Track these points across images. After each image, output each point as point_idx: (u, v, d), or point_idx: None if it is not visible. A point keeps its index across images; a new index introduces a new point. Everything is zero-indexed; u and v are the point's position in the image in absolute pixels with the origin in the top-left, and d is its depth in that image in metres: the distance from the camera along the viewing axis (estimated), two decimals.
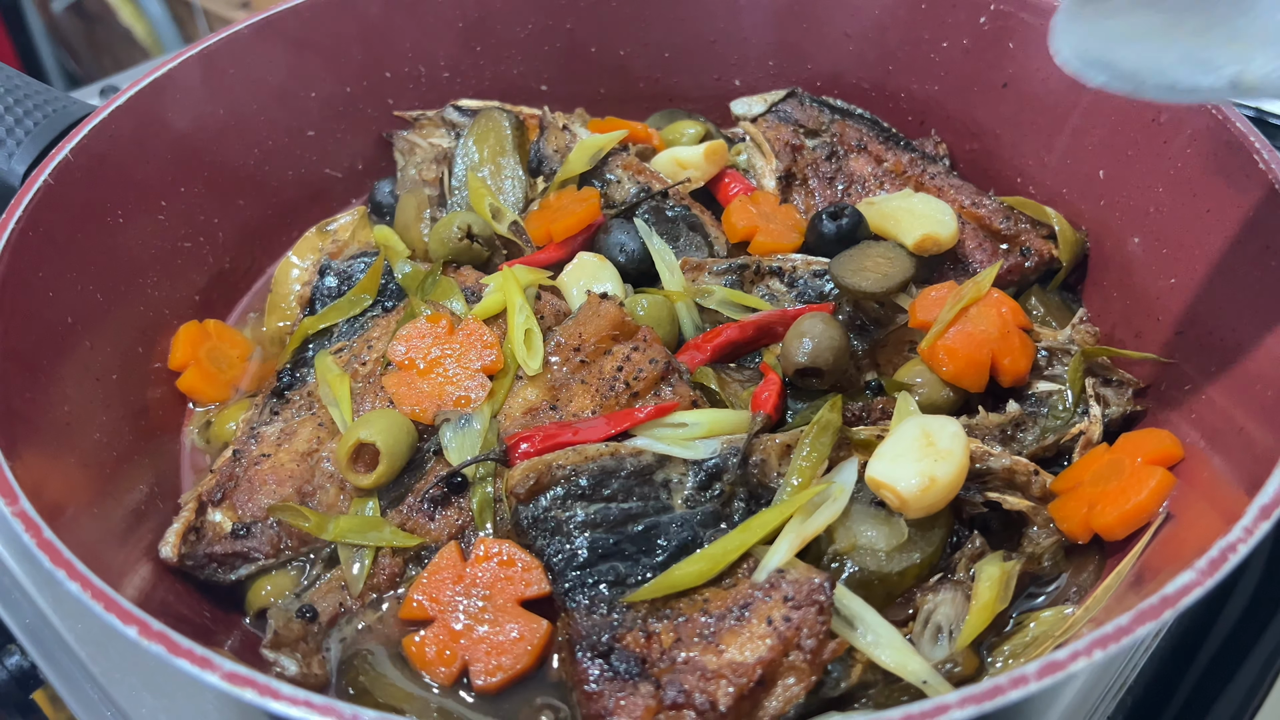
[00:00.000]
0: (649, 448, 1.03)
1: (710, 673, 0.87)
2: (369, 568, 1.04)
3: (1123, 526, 1.01)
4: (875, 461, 0.99)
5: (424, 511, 1.06)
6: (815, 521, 0.96)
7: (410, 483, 1.09)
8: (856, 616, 0.93)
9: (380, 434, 1.05)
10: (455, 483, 1.06)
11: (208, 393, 1.31)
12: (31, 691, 1.15)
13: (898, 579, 0.98)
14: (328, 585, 1.05)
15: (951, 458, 0.97)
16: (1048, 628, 0.99)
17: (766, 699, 0.87)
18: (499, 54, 1.62)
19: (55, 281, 1.15)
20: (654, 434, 1.04)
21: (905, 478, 0.96)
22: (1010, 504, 1.05)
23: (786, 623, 0.89)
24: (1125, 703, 1.08)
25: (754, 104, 1.53)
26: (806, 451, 1.03)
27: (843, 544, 0.99)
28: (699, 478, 1.01)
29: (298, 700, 0.71)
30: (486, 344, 1.14)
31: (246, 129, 1.45)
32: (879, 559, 0.98)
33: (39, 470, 0.98)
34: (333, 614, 1.03)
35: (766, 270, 1.28)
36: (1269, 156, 1.06)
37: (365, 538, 1.04)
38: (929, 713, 0.69)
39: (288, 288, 1.44)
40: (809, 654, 0.87)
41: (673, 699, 0.85)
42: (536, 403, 1.11)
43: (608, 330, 1.13)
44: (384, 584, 1.04)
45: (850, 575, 0.97)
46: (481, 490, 1.05)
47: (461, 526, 1.05)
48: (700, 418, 1.06)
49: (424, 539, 1.04)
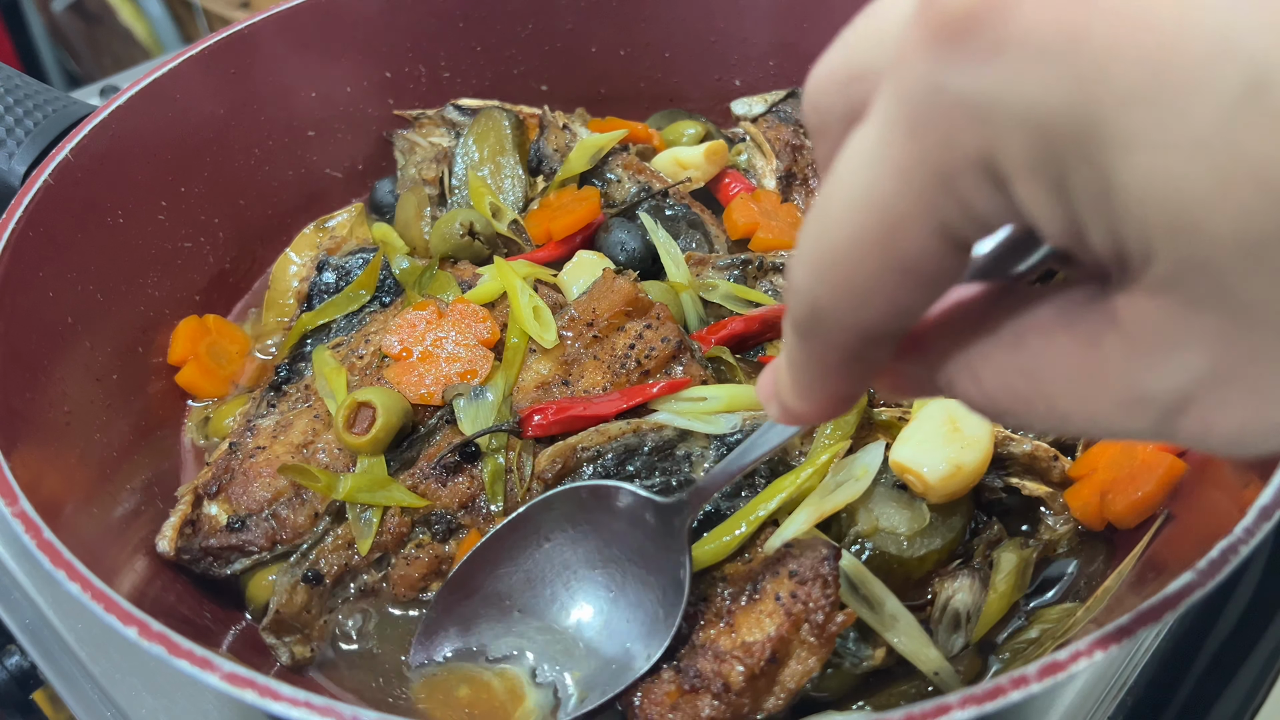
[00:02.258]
0: (670, 422, 1.04)
1: (724, 654, 0.87)
2: (377, 526, 1.05)
3: (1134, 514, 1.01)
4: (900, 445, 0.99)
5: (436, 477, 1.07)
6: (835, 498, 0.96)
7: (422, 449, 1.10)
8: (875, 600, 0.93)
9: (377, 395, 1.07)
10: (468, 452, 1.07)
11: (207, 388, 1.31)
12: (31, 691, 1.15)
13: (917, 564, 0.98)
14: (333, 545, 1.06)
15: (977, 444, 0.98)
16: (1050, 626, 0.99)
17: (780, 675, 0.88)
18: (499, 54, 1.62)
19: (55, 281, 1.15)
20: (674, 408, 1.05)
21: (932, 463, 0.96)
22: (1029, 489, 1.05)
23: (793, 598, 0.89)
24: (1125, 703, 1.08)
25: (754, 104, 1.52)
26: (830, 429, 1.03)
27: (864, 526, 0.99)
28: (720, 452, 1.02)
29: (298, 701, 0.71)
30: (479, 318, 1.15)
31: (246, 129, 1.45)
32: (899, 543, 0.98)
33: (39, 470, 0.97)
34: (337, 575, 1.04)
35: (770, 266, 1.28)
36: None
37: (375, 496, 1.05)
38: (930, 713, 0.69)
39: (286, 284, 1.44)
40: (818, 628, 0.88)
41: (690, 683, 0.86)
42: (549, 377, 1.12)
43: (621, 305, 1.14)
44: (391, 543, 1.05)
45: (870, 558, 0.97)
46: (493, 461, 1.06)
47: (472, 495, 1.06)
48: (719, 392, 1.06)
49: (433, 502, 1.05)
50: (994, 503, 1.07)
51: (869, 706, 0.93)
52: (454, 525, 1.05)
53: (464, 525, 1.05)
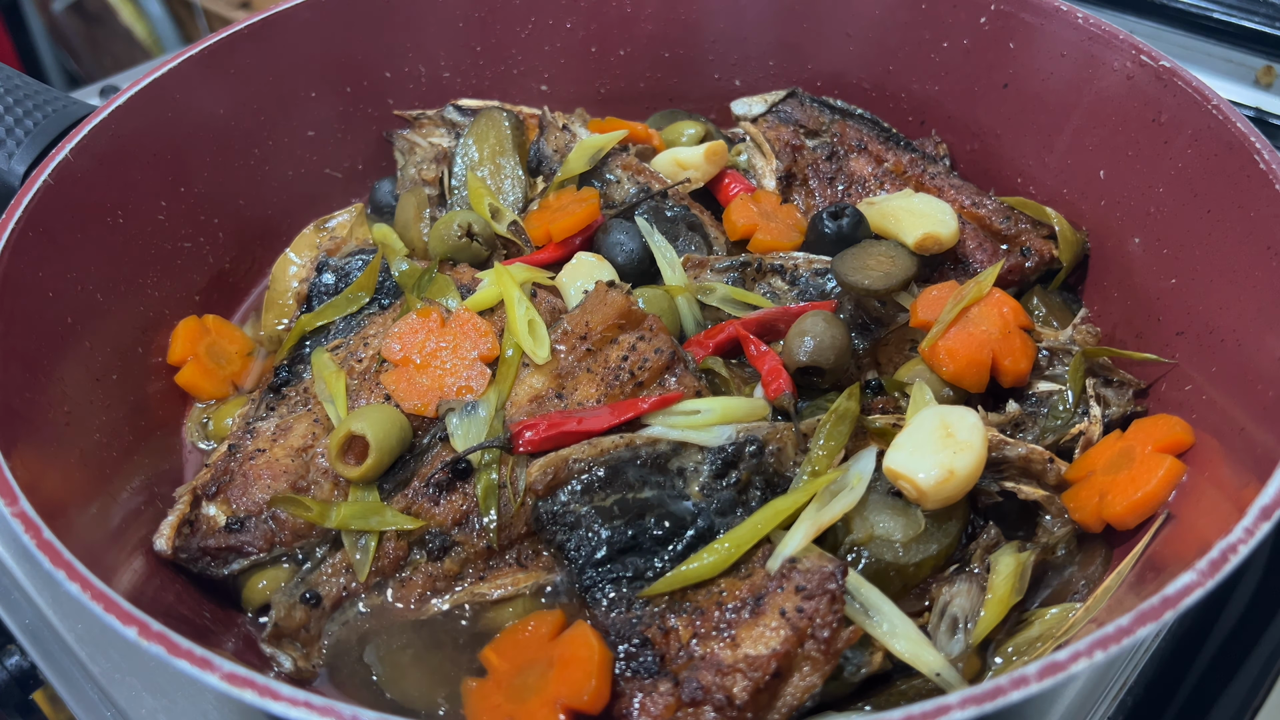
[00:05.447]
0: (663, 435, 1.03)
1: (726, 667, 0.87)
2: (374, 551, 1.04)
3: (1133, 516, 1.01)
4: (894, 452, 0.99)
5: (429, 496, 1.06)
6: (832, 509, 0.96)
7: (415, 468, 1.09)
8: (873, 606, 0.92)
9: (372, 426, 1.06)
10: (460, 469, 1.07)
11: (206, 388, 1.31)
12: (31, 691, 1.15)
13: (914, 570, 0.98)
14: (332, 569, 1.05)
15: (971, 449, 0.97)
16: (1050, 626, 0.99)
17: (784, 690, 0.88)
18: (499, 54, 1.62)
19: (55, 281, 1.15)
20: (667, 421, 1.05)
21: (924, 469, 0.96)
22: (1026, 493, 1.05)
23: (799, 613, 0.88)
24: (1126, 703, 1.08)
25: (754, 104, 1.52)
26: (824, 440, 1.03)
27: (859, 534, 0.99)
28: (714, 465, 1.02)
29: (297, 701, 0.71)
30: (481, 332, 1.15)
31: (246, 129, 1.45)
32: (895, 550, 0.98)
33: (39, 470, 0.98)
34: (336, 598, 1.04)
35: (768, 268, 1.28)
36: (1269, 156, 1.06)
37: (368, 523, 1.05)
38: (930, 713, 0.69)
39: (285, 284, 1.44)
40: (823, 644, 0.87)
41: (691, 695, 0.86)
42: (542, 391, 1.12)
43: (614, 318, 1.14)
44: (389, 567, 1.05)
45: (866, 566, 0.97)
46: (486, 476, 1.06)
47: (466, 512, 1.06)
48: (712, 404, 1.06)
49: (427, 522, 1.05)
50: (991, 507, 1.06)
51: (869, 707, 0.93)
52: (448, 544, 1.04)
53: (458, 543, 1.04)
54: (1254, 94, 1.77)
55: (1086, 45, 1.30)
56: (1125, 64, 1.26)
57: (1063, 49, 1.33)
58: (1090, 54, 1.30)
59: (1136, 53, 1.24)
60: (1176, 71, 1.20)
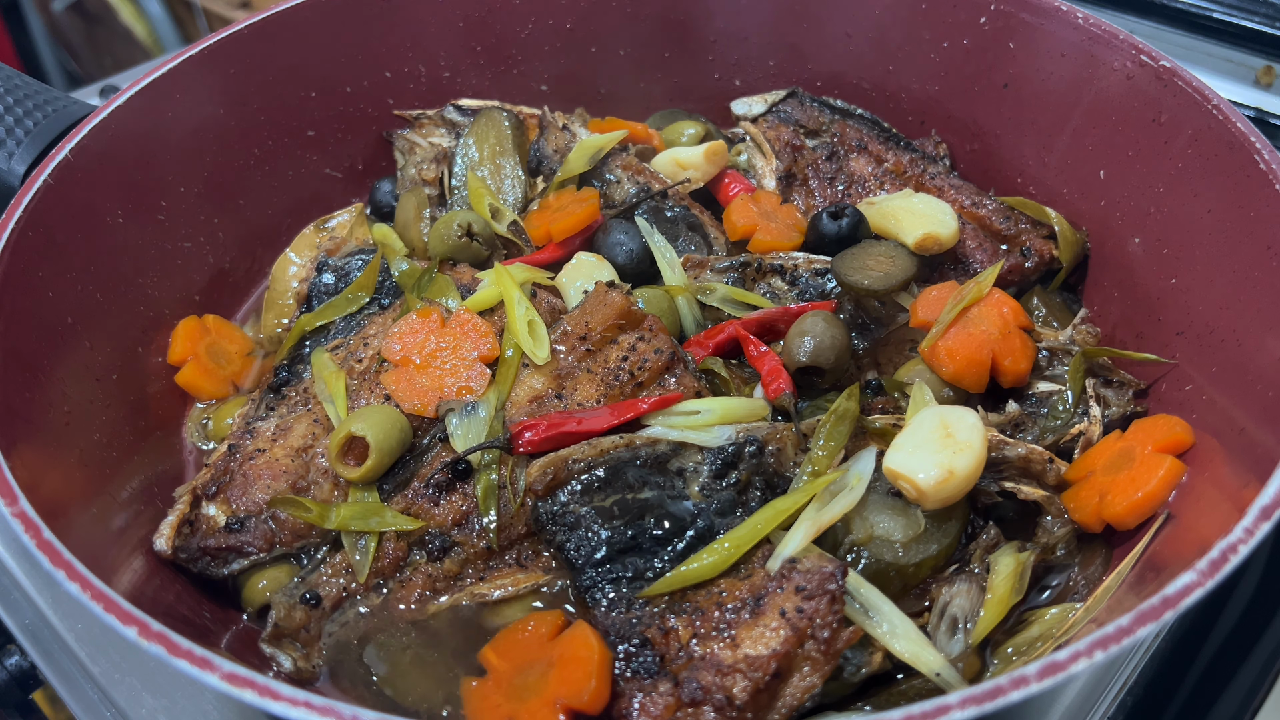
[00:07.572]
0: (663, 436, 1.03)
1: (726, 667, 0.87)
2: (374, 552, 1.04)
3: (1133, 516, 1.01)
4: (893, 452, 0.99)
5: (428, 496, 1.06)
6: (831, 510, 0.96)
7: (415, 469, 1.09)
8: (872, 606, 0.92)
9: (372, 428, 1.06)
10: (460, 469, 1.07)
11: (206, 388, 1.31)
12: (31, 691, 1.15)
13: (914, 571, 0.98)
14: (332, 569, 1.05)
15: (970, 449, 0.97)
16: (1050, 626, 0.99)
17: (784, 690, 0.88)
18: (499, 54, 1.62)
19: (55, 281, 1.15)
20: (667, 422, 1.05)
21: (924, 469, 0.96)
22: (1025, 494, 1.05)
23: (799, 614, 0.88)
24: (1126, 703, 1.08)
25: (754, 104, 1.52)
26: (824, 440, 1.03)
27: (859, 534, 0.99)
28: (714, 466, 1.02)
29: (297, 701, 0.71)
30: (481, 333, 1.15)
31: (246, 129, 1.45)
32: (895, 551, 0.98)
33: (39, 470, 0.98)
34: (336, 599, 1.04)
35: (768, 268, 1.28)
36: (1269, 156, 1.06)
37: (368, 524, 1.05)
38: (930, 713, 0.69)
39: (285, 284, 1.44)
40: (823, 644, 0.87)
41: (691, 695, 0.86)
42: (542, 391, 1.12)
43: (614, 319, 1.14)
44: (388, 568, 1.05)
45: (866, 566, 0.97)
46: (486, 477, 1.06)
47: (466, 512, 1.05)
48: (712, 405, 1.06)
49: (427, 523, 1.05)
50: (990, 507, 1.06)
51: (869, 707, 0.93)
52: (448, 544, 1.04)
53: (458, 543, 1.04)
54: (1254, 94, 1.77)
55: (1087, 45, 1.30)
56: (1125, 64, 1.26)
57: (1063, 49, 1.34)
58: (1090, 54, 1.30)
59: (1136, 53, 1.24)
60: (1176, 71, 1.20)
